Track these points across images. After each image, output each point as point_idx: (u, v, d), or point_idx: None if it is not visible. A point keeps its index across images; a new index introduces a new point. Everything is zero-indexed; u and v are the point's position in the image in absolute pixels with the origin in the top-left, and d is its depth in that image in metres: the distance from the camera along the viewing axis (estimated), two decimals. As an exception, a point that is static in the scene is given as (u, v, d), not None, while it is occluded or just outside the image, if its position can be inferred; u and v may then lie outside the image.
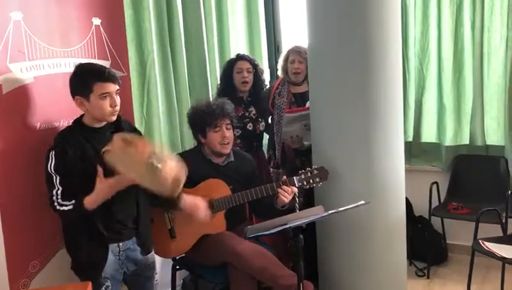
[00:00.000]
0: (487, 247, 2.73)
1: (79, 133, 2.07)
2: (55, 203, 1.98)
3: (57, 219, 2.19)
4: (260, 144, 3.40)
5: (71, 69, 2.25)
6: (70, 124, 2.15)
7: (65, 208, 1.98)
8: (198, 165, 2.59)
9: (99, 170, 1.99)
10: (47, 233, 2.23)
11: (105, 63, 2.49)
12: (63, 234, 2.18)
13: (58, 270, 2.26)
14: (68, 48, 2.33)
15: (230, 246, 2.43)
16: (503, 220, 3.08)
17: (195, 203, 2.40)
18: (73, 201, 1.98)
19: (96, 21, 2.46)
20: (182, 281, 3.06)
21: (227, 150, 2.62)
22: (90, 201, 1.98)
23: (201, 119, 2.59)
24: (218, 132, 2.58)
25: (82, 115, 2.11)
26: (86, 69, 2.07)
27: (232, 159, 2.68)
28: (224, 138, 2.58)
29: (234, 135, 3.18)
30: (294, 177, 2.55)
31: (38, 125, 2.18)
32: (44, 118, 2.21)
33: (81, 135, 2.07)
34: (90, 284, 1.83)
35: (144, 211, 2.24)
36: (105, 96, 2.03)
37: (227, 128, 2.61)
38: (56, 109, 2.25)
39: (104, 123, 2.11)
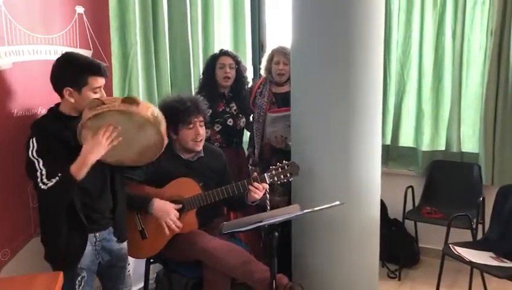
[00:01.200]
0: (457, 251, 2.79)
1: (56, 121, 2.05)
2: (40, 184, 1.92)
3: (30, 207, 2.17)
4: (240, 140, 3.41)
5: (51, 56, 2.23)
6: (46, 112, 2.12)
7: (51, 184, 1.92)
8: (168, 162, 2.56)
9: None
10: (19, 221, 2.20)
11: (87, 53, 2.47)
12: (40, 222, 2.14)
13: (30, 260, 2.23)
14: (49, 34, 2.29)
15: (202, 244, 2.43)
16: (474, 226, 3.16)
17: (166, 209, 2.40)
18: (59, 174, 1.92)
19: (80, 9, 2.43)
20: (155, 274, 3.05)
21: (200, 147, 2.61)
22: (77, 167, 1.92)
23: (175, 116, 2.53)
24: (191, 128, 2.56)
25: (58, 104, 2.08)
26: (81, 61, 2.04)
27: (202, 154, 2.66)
28: (197, 135, 2.57)
29: (214, 130, 3.21)
30: (265, 174, 2.55)
31: (15, 111, 2.15)
32: (22, 104, 2.17)
33: (59, 123, 2.04)
34: (61, 274, 1.80)
35: (120, 200, 2.23)
36: (97, 90, 2.03)
37: (200, 126, 2.59)
38: (34, 96, 2.21)
39: (80, 113, 2.09)
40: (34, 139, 1.97)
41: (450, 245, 2.86)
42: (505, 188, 3.00)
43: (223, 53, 3.29)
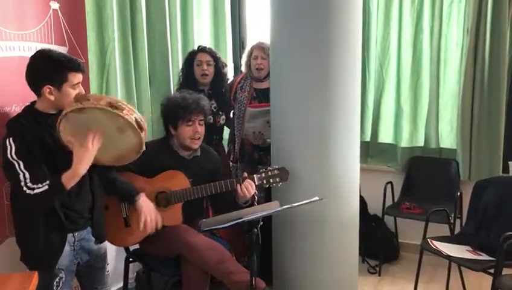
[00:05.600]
0: (434, 246, 2.82)
1: (33, 119, 2.00)
2: (25, 188, 1.88)
3: (4, 206, 2.12)
4: (220, 137, 3.40)
5: (26, 53, 2.20)
6: (20, 110, 2.07)
7: (39, 191, 1.89)
8: (163, 156, 2.57)
9: (73, 140, 1.91)
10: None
11: (63, 49, 2.43)
12: (14, 223, 2.10)
13: (5, 260, 2.19)
14: (23, 30, 2.26)
15: (185, 238, 2.42)
16: (452, 220, 3.20)
17: (150, 211, 2.38)
18: (47, 181, 1.90)
19: (54, 5, 2.40)
20: (135, 273, 3.02)
21: (197, 145, 2.62)
22: (69, 176, 1.91)
23: (175, 112, 2.57)
24: (190, 126, 2.57)
25: (33, 102, 2.04)
26: (59, 58, 2.00)
27: (199, 154, 2.67)
28: (196, 133, 2.58)
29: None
30: (255, 175, 2.56)
31: (-13, 109, 2.11)
32: (-5, 101, 2.14)
33: (35, 121, 2.00)
34: (36, 273, 1.77)
35: (99, 200, 2.21)
36: (76, 87, 2.01)
37: (199, 124, 2.60)
38: (7, 93, 2.17)
39: (58, 110, 2.05)
40: (11, 139, 1.92)
41: (428, 240, 2.90)
42: (480, 183, 3.05)
43: (201, 50, 3.28)
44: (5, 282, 1.72)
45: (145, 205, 2.39)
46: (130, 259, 2.72)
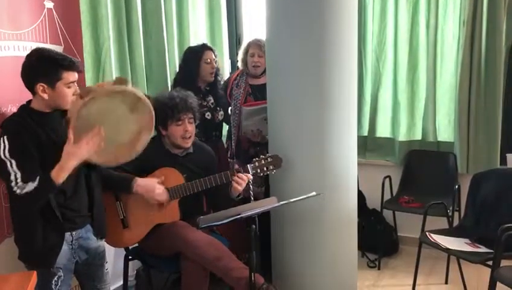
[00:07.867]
0: (433, 239, 2.83)
1: (28, 118, 2.00)
2: (15, 188, 1.88)
3: (2, 207, 2.12)
4: (220, 133, 3.40)
5: (21, 53, 2.20)
6: (17, 110, 2.07)
7: (29, 189, 1.88)
8: (156, 155, 2.57)
9: (70, 134, 1.92)
10: (-9, 222, 2.16)
11: (58, 48, 2.42)
12: (13, 222, 2.10)
13: (4, 260, 2.19)
14: (18, 30, 2.25)
15: (184, 235, 2.42)
16: (450, 213, 3.21)
17: (148, 184, 2.41)
18: (37, 178, 1.89)
19: (49, 4, 2.39)
20: (135, 271, 3.03)
21: (188, 144, 2.62)
22: (57, 171, 1.91)
23: (164, 112, 2.55)
24: (180, 125, 2.57)
25: (29, 101, 2.04)
26: (54, 55, 2.00)
27: (191, 150, 2.68)
28: (186, 132, 2.58)
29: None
30: (249, 165, 2.57)
31: (-17, 109, 2.11)
32: (-10, 102, 2.13)
33: (31, 119, 2.00)
34: (35, 273, 1.77)
35: (98, 196, 2.21)
36: (71, 85, 2.00)
37: (189, 122, 2.60)
38: (3, 94, 2.17)
39: (53, 109, 2.05)
40: (5, 137, 1.92)
41: (427, 233, 2.90)
42: (478, 175, 3.05)
43: (208, 48, 3.25)
44: (3, 282, 1.72)
45: (144, 185, 2.41)
46: (130, 257, 2.73)
